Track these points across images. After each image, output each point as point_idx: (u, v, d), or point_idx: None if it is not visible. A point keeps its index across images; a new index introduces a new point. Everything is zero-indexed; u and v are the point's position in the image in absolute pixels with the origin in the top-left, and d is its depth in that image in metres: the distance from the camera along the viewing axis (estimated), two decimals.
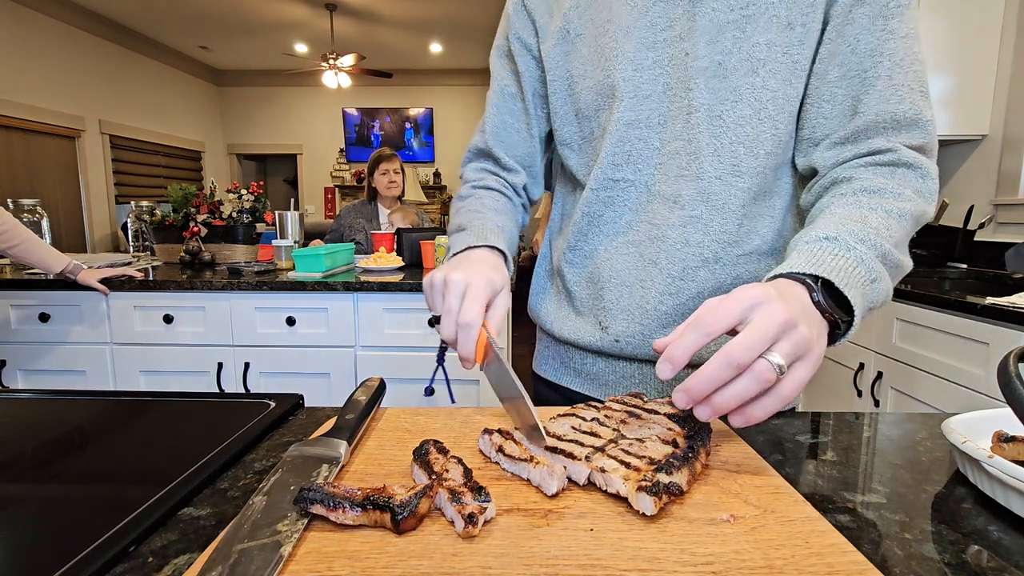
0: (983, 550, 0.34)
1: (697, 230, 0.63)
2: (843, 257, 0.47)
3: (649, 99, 0.63)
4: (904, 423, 0.57)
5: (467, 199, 0.74)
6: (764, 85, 0.59)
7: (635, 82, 0.62)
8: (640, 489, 0.36)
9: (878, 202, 0.52)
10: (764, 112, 0.59)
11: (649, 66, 0.62)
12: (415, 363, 1.86)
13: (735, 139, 0.60)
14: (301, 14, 5.28)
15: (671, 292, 0.64)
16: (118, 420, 0.55)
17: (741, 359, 0.38)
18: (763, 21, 0.57)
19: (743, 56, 0.58)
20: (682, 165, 0.62)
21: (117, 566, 0.32)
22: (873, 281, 0.47)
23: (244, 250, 2.31)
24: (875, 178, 0.54)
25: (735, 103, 0.59)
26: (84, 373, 1.91)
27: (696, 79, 0.60)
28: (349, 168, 7.37)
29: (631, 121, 0.63)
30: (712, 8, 0.58)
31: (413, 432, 0.51)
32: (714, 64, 0.59)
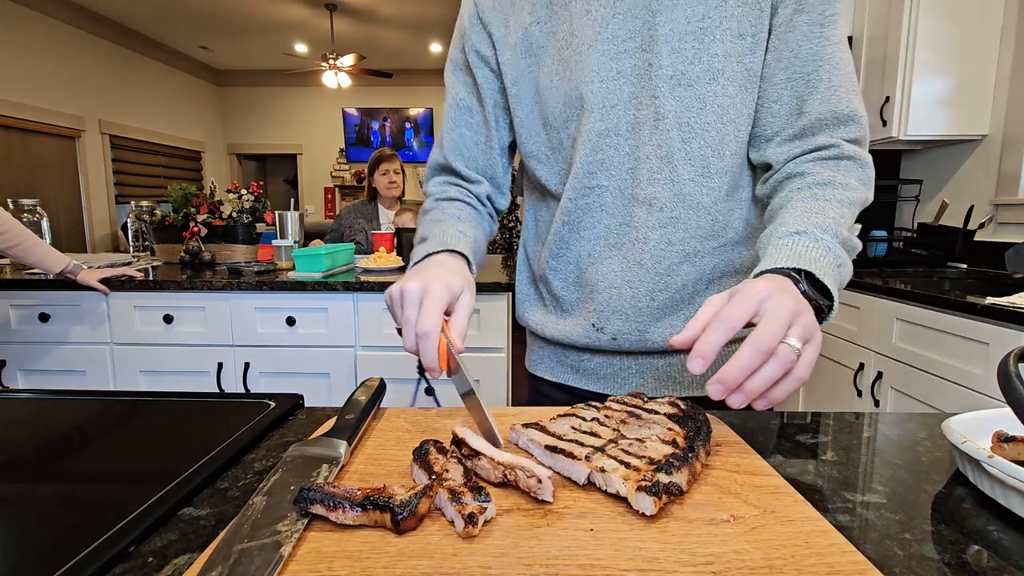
0: (983, 550, 0.34)
1: (677, 229, 0.67)
2: (814, 248, 0.52)
3: (616, 108, 0.65)
4: (904, 423, 0.57)
5: (430, 211, 0.74)
6: (724, 92, 0.63)
7: (603, 93, 0.65)
8: (640, 489, 0.36)
9: (831, 193, 0.58)
10: (727, 117, 0.64)
11: (614, 76, 0.64)
12: (415, 363, 1.86)
13: (704, 144, 0.64)
14: (301, 14, 5.28)
15: (660, 288, 0.69)
16: (118, 420, 0.55)
17: (769, 345, 0.42)
18: (719, 33, 0.61)
19: (704, 66, 0.62)
20: (654, 169, 0.65)
21: (117, 566, 0.32)
22: (839, 266, 0.53)
23: (244, 250, 2.31)
24: (824, 171, 0.60)
25: (700, 110, 0.63)
26: (84, 373, 1.91)
27: (662, 87, 0.63)
28: (349, 168, 7.37)
29: (602, 130, 0.66)
30: (670, 20, 0.61)
31: (413, 432, 0.51)
32: (678, 73, 0.62)
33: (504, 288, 1.82)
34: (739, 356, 0.42)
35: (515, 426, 0.49)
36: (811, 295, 0.49)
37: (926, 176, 2.44)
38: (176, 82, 6.49)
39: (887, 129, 2.13)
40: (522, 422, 0.50)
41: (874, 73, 2.21)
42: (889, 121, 2.12)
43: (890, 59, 2.10)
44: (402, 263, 2.15)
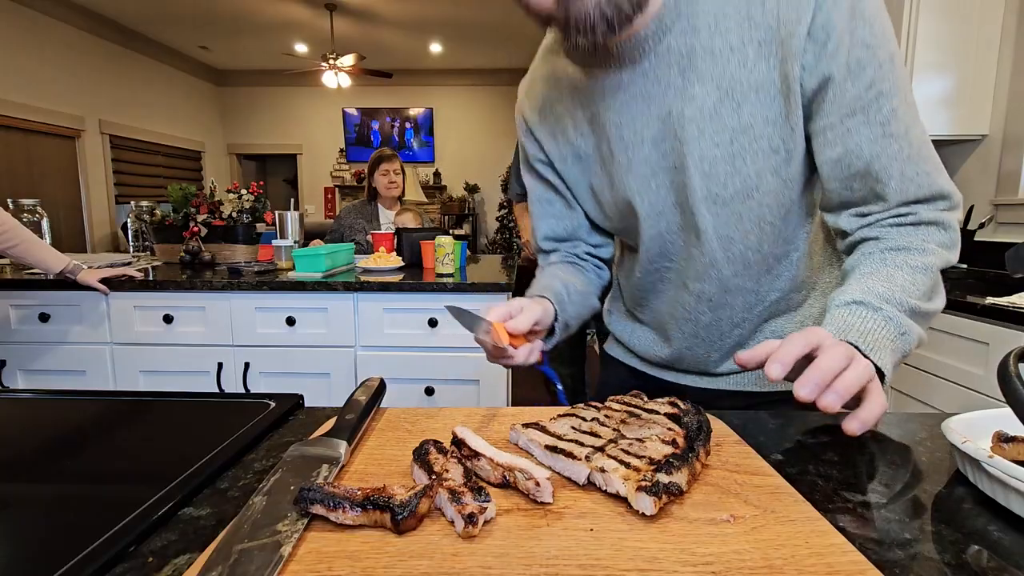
0: (983, 550, 0.34)
1: (725, 310, 0.71)
2: (871, 319, 0.52)
3: (663, 214, 0.67)
4: (904, 423, 0.57)
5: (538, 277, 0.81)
6: (761, 203, 0.62)
7: (648, 205, 0.67)
8: (640, 489, 0.36)
9: (904, 259, 0.57)
10: (764, 222, 0.64)
11: (654, 191, 0.66)
12: (415, 363, 1.86)
13: (744, 247, 0.66)
14: (301, 14, 5.28)
15: (715, 349, 0.75)
16: (118, 420, 0.55)
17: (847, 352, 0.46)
18: (749, 154, 0.60)
19: (737, 187, 0.61)
20: (699, 270, 0.69)
21: (117, 566, 0.32)
22: (902, 334, 0.53)
23: (244, 250, 2.31)
24: (900, 237, 0.59)
25: (738, 223, 0.64)
26: (84, 373, 1.91)
27: (698, 206, 0.63)
28: (349, 168, 7.37)
29: (655, 233, 0.70)
30: (698, 147, 0.60)
31: (413, 432, 0.51)
32: (712, 195, 0.62)
33: (504, 288, 1.82)
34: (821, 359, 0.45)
35: (515, 426, 0.49)
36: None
37: None
38: (176, 82, 6.49)
39: None
40: (522, 422, 0.50)
41: None
42: None
43: None
44: (402, 263, 2.15)
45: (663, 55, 0.59)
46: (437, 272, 2.00)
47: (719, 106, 0.58)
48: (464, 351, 1.85)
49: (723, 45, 0.57)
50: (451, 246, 2.00)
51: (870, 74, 0.54)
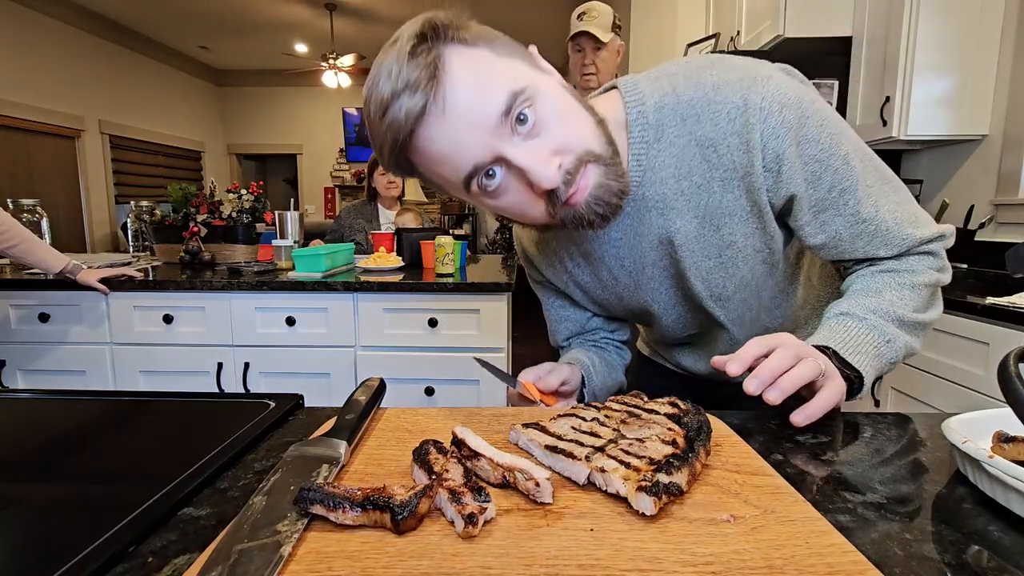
0: (983, 550, 0.34)
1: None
2: (854, 328, 0.58)
3: (677, 307, 0.73)
4: (904, 423, 0.57)
5: None
6: (760, 287, 0.69)
7: (662, 306, 0.73)
8: (640, 489, 0.36)
9: (892, 278, 0.63)
10: (763, 293, 0.70)
11: (664, 295, 0.72)
12: (415, 363, 1.86)
13: (752, 317, 0.72)
14: (301, 14, 5.28)
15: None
16: (118, 420, 0.55)
17: (799, 352, 0.51)
18: (739, 260, 0.65)
19: (735, 286, 0.67)
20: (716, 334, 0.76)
21: (117, 566, 0.32)
22: (887, 342, 0.59)
23: (244, 250, 2.31)
24: (891, 261, 0.65)
25: (744, 306, 0.70)
26: (84, 373, 1.91)
27: (705, 302, 0.69)
28: (349, 168, 7.37)
29: (675, 317, 0.74)
30: (692, 264, 0.65)
31: (413, 432, 0.51)
32: (715, 295, 0.68)
33: (504, 288, 1.82)
34: (772, 358, 0.50)
35: (515, 426, 0.49)
36: (839, 367, 0.55)
37: (926, 176, 2.43)
38: (176, 82, 6.49)
39: (887, 129, 2.13)
40: (522, 422, 0.49)
41: (874, 73, 2.20)
42: (889, 121, 2.12)
43: (890, 59, 2.10)
44: (401, 263, 2.15)
45: (640, 202, 0.63)
46: (437, 272, 2.00)
47: (701, 230, 0.63)
48: (464, 351, 1.85)
49: (690, 186, 0.61)
50: (451, 246, 2.00)
51: (828, 180, 0.59)
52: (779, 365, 0.49)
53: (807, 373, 0.49)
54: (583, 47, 2.12)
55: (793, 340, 0.53)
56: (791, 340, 0.53)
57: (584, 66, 2.14)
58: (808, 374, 0.49)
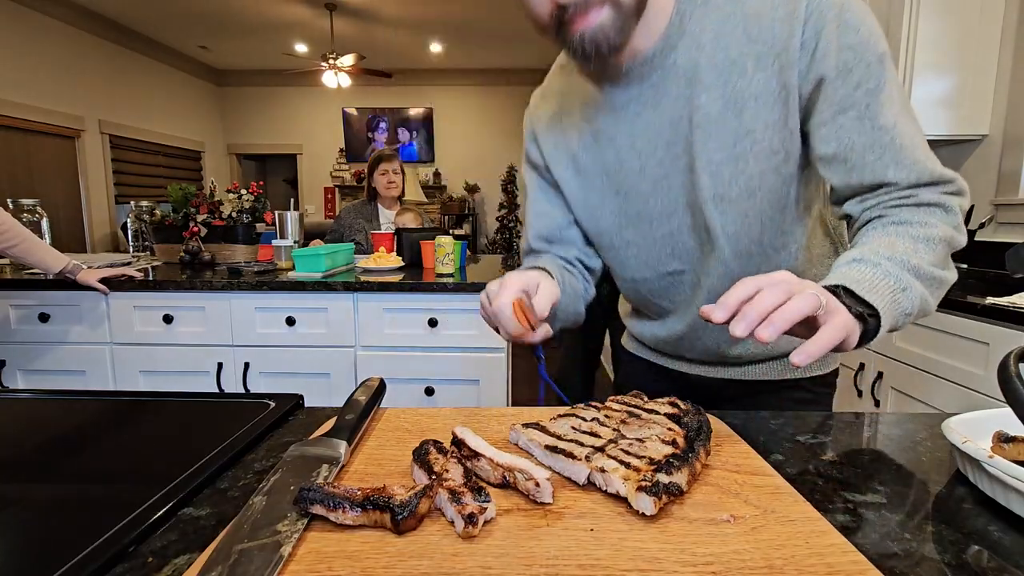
0: (983, 550, 0.34)
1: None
2: (868, 271, 0.53)
3: (674, 215, 0.70)
4: (904, 423, 0.57)
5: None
6: (764, 200, 0.66)
7: (660, 207, 0.71)
8: (640, 489, 0.35)
9: (905, 230, 0.59)
10: (766, 217, 0.68)
11: (666, 191, 0.69)
12: (415, 363, 1.86)
13: (748, 242, 0.69)
14: (301, 14, 5.28)
15: (724, 340, 0.77)
16: (118, 420, 0.55)
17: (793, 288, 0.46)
18: (751, 156, 0.63)
19: (741, 187, 0.65)
20: (710, 267, 0.72)
21: (117, 566, 0.32)
22: (903, 290, 0.53)
23: (244, 250, 2.31)
24: (903, 213, 0.61)
25: (743, 220, 0.67)
26: (84, 373, 1.91)
27: (706, 204, 0.67)
28: (349, 168, 7.37)
29: (665, 233, 0.72)
30: (705, 149, 0.64)
31: (413, 432, 0.51)
32: (718, 195, 0.66)
33: None
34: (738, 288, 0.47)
35: (515, 426, 0.49)
36: (848, 303, 0.49)
37: None
38: (176, 82, 6.49)
39: None
40: (522, 422, 0.50)
41: None
42: None
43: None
44: (401, 263, 2.15)
45: (670, 69, 0.64)
46: (437, 272, 2.00)
47: (723, 113, 0.62)
48: (464, 351, 1.85)
49: (724, 59, 0.61)
50: (451, 246, 2.00)
51: (857, 75, 0.58)
52: (770, 302, 0.45)
53: (803, 307, 0.45)
54: None
55: (787, 276, 0.48)
56: (785, 276, 0.48)
57: None
58: (805, 307, 0.45)
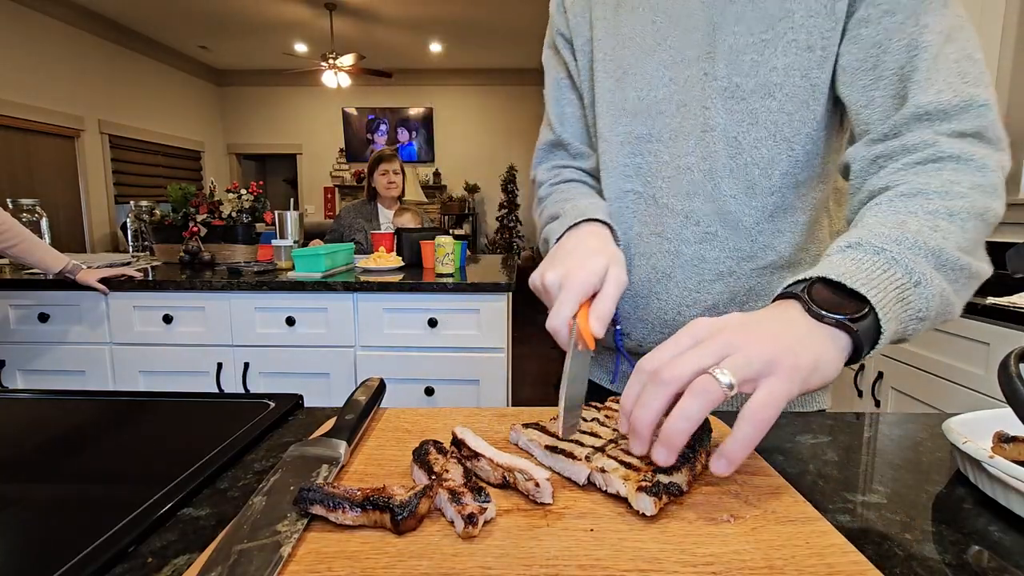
0: (984, 550, 0.34)
1: (713, 247, 0.64)
2: (867, 260, 0.41)
3: (663, 115, 0.64)
4: (904, 423, 0.57)
5: (548, 197, 0.74)
6: (781, 108, 0.59)
7: (650, 99, 0.64)
8: (640, 489, 0.35)
9: (919, 204, 0.45)
10: (780, 135, 0.59)
11: (665, 84, 0.63)
12: (415, 363, 1.86)
13: (750, 160, 0.61)
14: (301, 14, 5.28)
15: (687, 304, 0.66)
16: (118, 420, 0.55)
17: (664, 375, 0.36)
18: (781, 45, 0.57)
19: (760, 80, 0.58)
20: (695, 181, 0.63)
21: (117, 566, 0.32)
22: (916, 284, 0.40)
23: (244, 250, 2.31)
24: (915, 179, 0.47)
25: (751, 125, 0.60)
26: (84, 373, 1.91)
27: (714, 98, 0.60)
28: (349, 168, 7.37)
29: (643, 135, 0.65)
30: (733, 32, 0.59)
31: (413, 432, 0.51)
32: (732, 85, 0.59)
33: (504, 288, 1.82)
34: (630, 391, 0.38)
35: (515, 426, 0.49)
36: (820, 313, 0.39)
37: None
38: (176, 82, 6.49)
39: None
40: (522, 422, 0.49)
41: None
42: None
43: None
44: (401, 263, 2.15)
45: None
46: (437, 272, 2.00)
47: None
48: (464, 351, 1.85)
49: None
50: (451, 246, 2.00)
51: None
52: (648, 413, 0.36)
53: (696, 412, 0.34)
54: None
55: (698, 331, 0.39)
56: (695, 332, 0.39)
57: None
58: (698, 412, 0.34)
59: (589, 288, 0.50)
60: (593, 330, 0.48)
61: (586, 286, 0.50)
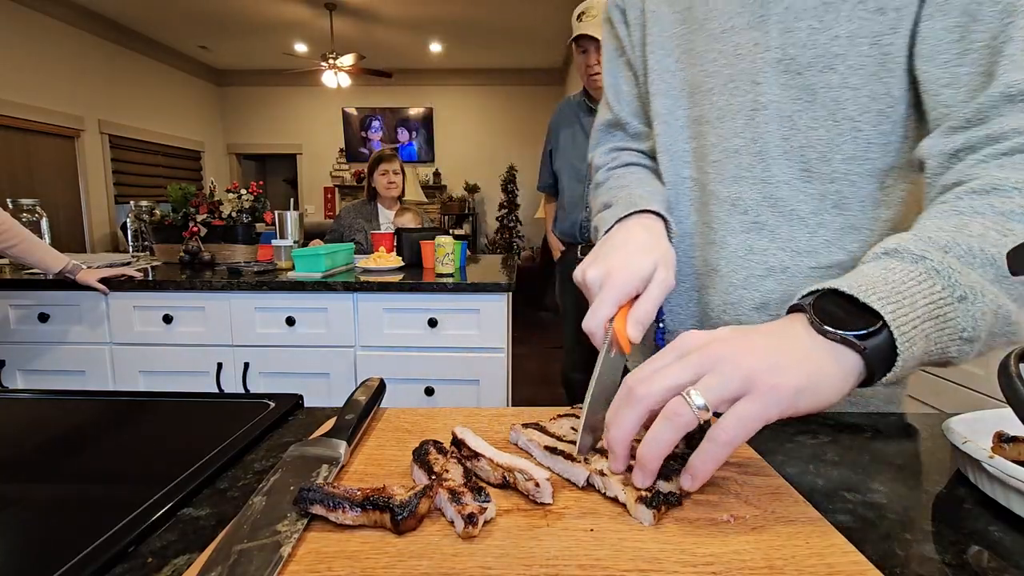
0: (984, 550, 0.34)
1: (761, 237, 0.58)
2: (899, 271, 0.36)
3: (711, 93, 0.58)
4: (904, 423, 0.57)
5: (605, 183, 0.70)
6: (844, 83, 0.51)
7: (698, 76, 0.59)
8: (639, 500, 0.35)
9: (990, 203, 0.39)
10: (842, 113, 0.52)
11: (712, 59, 0.57)
12: (415, 363, 1.86)
13: (805, 142, 0.54)
14: (301, 14, 5.28)
15: (732, 301, 0.60)
16: (118, 420, 0.55)
17: (637, 391, 0.35)
18: (846, 9, 0.49)
19: (818, 51, 0.51)
20: (742, 165, 0.57)
21: (117, 566, 0.32)
22: (961, 299, 0.35)
23: (244, 250, 2.31)
24: (994, 173, 0.41)
25: (808, 103, 0.52)
26: (84, 373, 1.91)
27: (765, 72, 0.53)
28: (349, 168, 7.37)
29: (695, 117, 0.60)
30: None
31: (413, 432, 0.51)
32: (787, 57, 0.52)
33: (504, 288, 1.82)
34: (613, 401, 0.37)
35: (515, 426, 0.49)
36: (823, 329, 0.35)
37: None
38: (176, 82, 6.50)
39: None
40: (522, 422, 0.49)
41: None
42: None
43: None
44: (401, 263, 2.15)
45: None
46: (437, 272, 2.00)
47: None
48: (464, 351, 1.85)
49: None
50: (451, 246, 2.00)
51: None
52: (620, 432, 0.36)
53: (663, 436, 0.34)
54: (587, 48, 2.13)
55: (689, 343, 0.37)
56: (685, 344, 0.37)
57: (589, 67, 2.15)
58: (666, 435, 0.33)
59: (631, 290, 0.47)
60: (630, 335, 0.45)
61: (627, 288, 0.47)
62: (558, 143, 2.38)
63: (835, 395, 0.35)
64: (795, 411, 0.34)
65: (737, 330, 0.38)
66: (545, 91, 7.00)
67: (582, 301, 0.53)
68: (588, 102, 2.28)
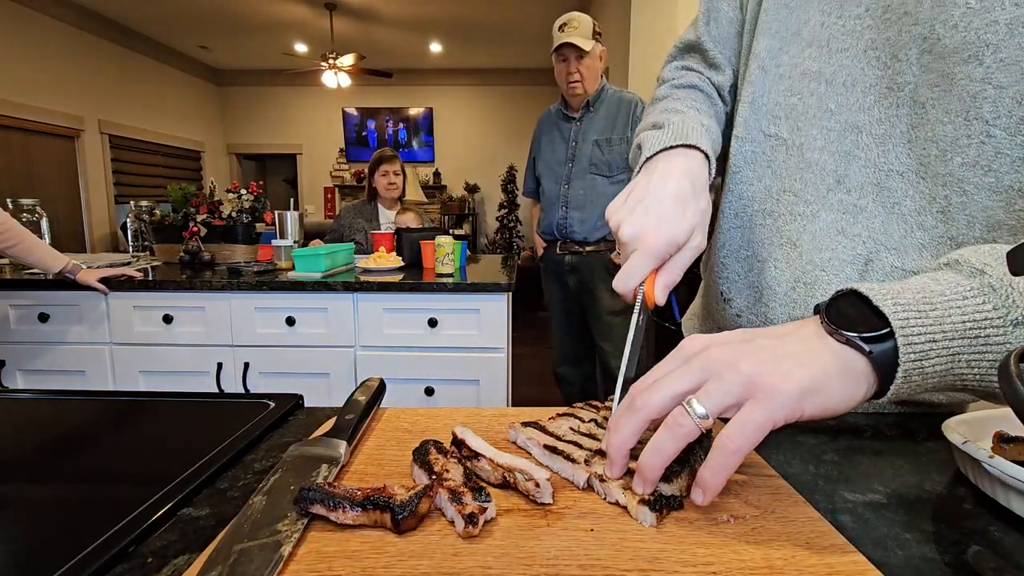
0: (984, 550, 0.34)
1: (858, 222, 0.53)
2: (949, 283, 0.34)
3: (845, 52, 0.51)
4: (904, 423, 0.57)
5: (664, 99, 0.65)
6: (987, 78, 0.44)
7: (834, 28, 0.52)
8: (642, 503, 0.35)
9: None
10: (975, 112, 0.45)
11: (858, 14, 0.50)
12: (415, 363, 1.86)
13: (930, 136, 0.48)
14: (301, 14, 5.28)
15: (806, 281, 0.55)
16: (118, 420, 0.55)
17: (638, 401, 0.34)
18: None
19: (968, 37, 0.44)
20: (860, 144, 0.52)
21: (117, 566, 0.32)
22: (1016, 324, 0.32)
23: (244, 250, 2.31)
24: None
25: (944, 92, 0.46)
26: (84, 373, 1.91)
27: (909, 47, 0.47)
28: (349, 168, 7.38)
29: (812, 72, 0.53)
30: None
31: (413, 432, 0.51)
32: (933, 35, 0.45)
33: (504, 288, 1.82)
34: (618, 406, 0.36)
35: (514, 424, 0.49)
36: (834, 329, 0.34)
37: None
38: (176, 82, 6.50)
39: None
40: (521, 421, 0.49)
41: None
42: None
43: None
44: (401, 263, 2.15)
45: None
46: (437, 272, 2.00)
47: None
48: (464, 351, 1.85)
49: None
50: (451, 246, 2.00)
51: None
52: (620, 438, 0.35)
53: (664, 446, 0.33)
54: (567, 57, 2.21)
55: (694, 344, 0.36)
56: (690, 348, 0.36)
57: (570, 74, 2.22)
58: (667, 445, 0.33)
59: (664, 256, 0.45)
60: (657, 299, 0.44)
61: (662, 254, 0.45)
62: (540, 150, 2.47)
63: (845, 400, 0.34)
64: (803, 414, 0.33)
65: (742, 332, 0.37)
66: (545, 91, 7.00)
67: (567, 297, 0.50)
68: (564, 110, 2.37)
